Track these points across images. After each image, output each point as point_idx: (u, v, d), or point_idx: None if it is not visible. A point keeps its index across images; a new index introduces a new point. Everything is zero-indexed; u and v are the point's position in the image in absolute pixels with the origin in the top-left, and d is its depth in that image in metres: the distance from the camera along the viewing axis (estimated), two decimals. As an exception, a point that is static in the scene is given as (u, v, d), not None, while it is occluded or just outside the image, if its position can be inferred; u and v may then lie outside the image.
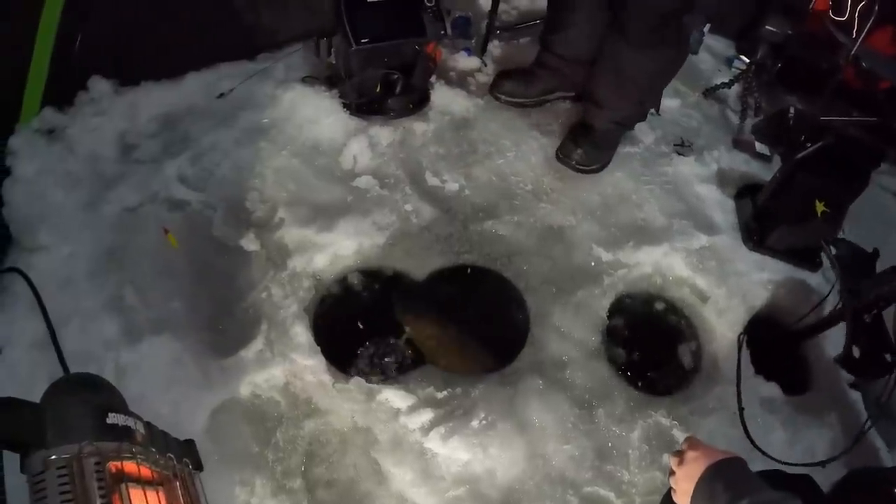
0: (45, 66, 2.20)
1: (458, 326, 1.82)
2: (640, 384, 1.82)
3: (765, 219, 2.07)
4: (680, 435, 1.76)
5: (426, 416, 1.65)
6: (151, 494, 1.32)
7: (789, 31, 2.27)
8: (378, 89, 2.05)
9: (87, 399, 1.28)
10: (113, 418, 1.29)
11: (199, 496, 1.57)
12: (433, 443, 1.62)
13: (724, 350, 1.92)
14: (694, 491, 1.08)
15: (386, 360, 1.76)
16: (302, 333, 1.75)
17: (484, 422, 1.65)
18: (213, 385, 1.72)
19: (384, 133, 2.06)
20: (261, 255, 1.89)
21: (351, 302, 1.85)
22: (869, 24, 1.99)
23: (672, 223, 2.04)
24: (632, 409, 1.78)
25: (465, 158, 2.11)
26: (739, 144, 2.28)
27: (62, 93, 2.17)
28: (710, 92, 2.36)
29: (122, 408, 1.38)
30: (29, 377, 1.60)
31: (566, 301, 1.88)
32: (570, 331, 1.83)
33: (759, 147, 2.26)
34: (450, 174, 2.04)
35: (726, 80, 2.35)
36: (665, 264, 1.97)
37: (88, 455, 1.12)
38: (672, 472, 1.18)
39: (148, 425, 1.44)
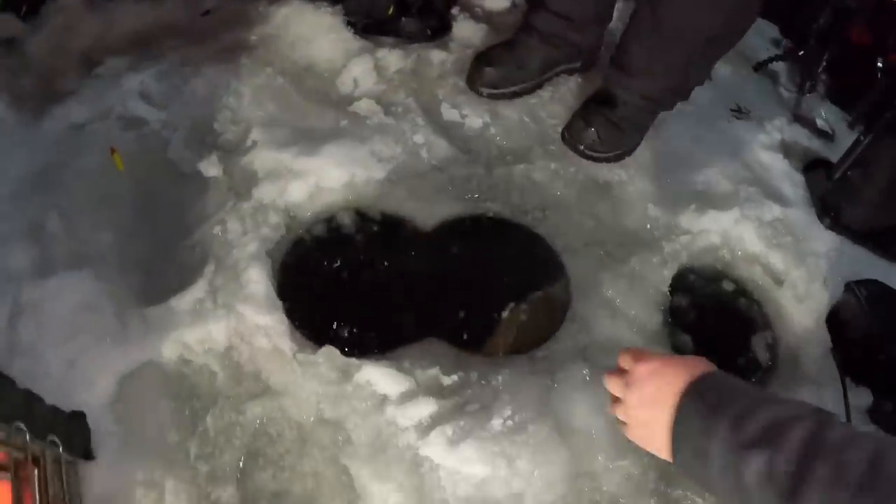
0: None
1: (475, 292, 1.10)
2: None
3: (843, 193, 1.36)
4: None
5: (426, 408, 0.91)
6: None
7: (852, 2, 1.66)
8: (391, 10, 1.39)
9: None
10: None
11: (70, 497, 0.84)
12: (434, 449, 0.88)
13: (805, 345, 1.19)
14: (675, 422, 0.62)
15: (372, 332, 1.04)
16: (258, 280, 1.00)
17: (510, 422, 0.90)
18: (130, 341, 0.97)
19: (394, 57, 1.34)
20: (222, 183, 1.16)
21: (333, 248, 1.10)
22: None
23: (738, 189, 1.31)
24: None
25: (491, 95, 1.40)
26: (799, 119, 1.62)
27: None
28: (762, 66, 1.71)
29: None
30: None
31: (617, 270, 1.14)
32: (623, 307, 1.09)
33: (821, 123, 1.59)
34: (471, 109, 1.31)
35: (780, 52, 1.72)
36: (735, 235, 1.25)
37: None
38: (615, 399, 0.72)
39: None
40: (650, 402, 0.66)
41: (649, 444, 0.68)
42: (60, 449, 0.82)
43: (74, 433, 0.91)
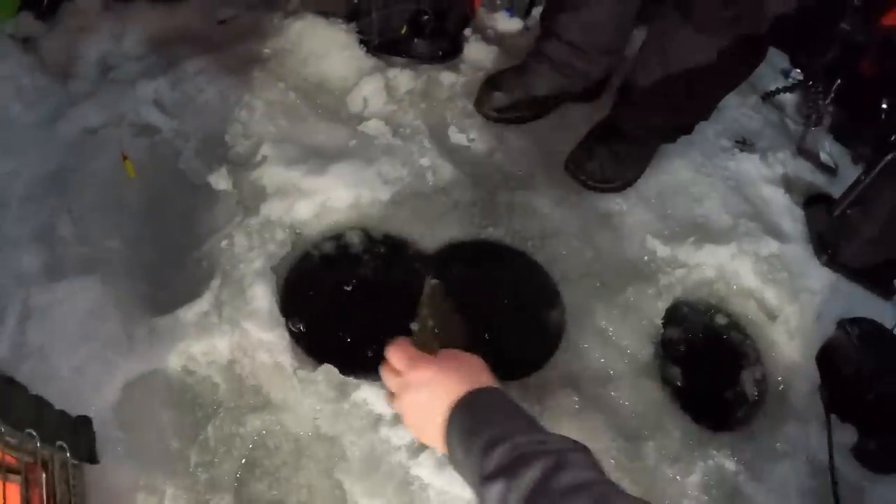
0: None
1: (473, 316, 1.13)
2: (696, 414, 1.14)
3: (841, 230, 1.41)
4: (745, 484, 1.08)
5: None
6: None
7: (861, 37, 1.68)
8: (404, 30, 1.43)
9: None
10: None
11: (76, 501, 0.89)
12: (424, 469, 0.92)
13: (794, 380, 1.22)
14: (445, 434, 0.66)
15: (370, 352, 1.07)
16: (262, 297, 1.05)
17: None
18: (136, 349, 1.02)
19: (404, 77, 1.38)
20: (231, 196, 1.20)
21: (337, 266, 1.15)
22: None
23: (737, 223, 1.35)
24: (689, 445, 1.08)
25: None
26: (803, 153, 1.66)
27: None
28: (769, 96, 1.74)
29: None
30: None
31: (612, 300, 1.18)
32: (616, 337, 1.14)
33: (825, 157, 1.62)
34: (479, 133, 1.35)
35: (787, 84, 1.75)
36: (731, 269, 1.29)
37: None
38: (392, 394, 0.75)
39: (6, 382, 0.77)
40: (423, 409, 0.69)
41: (423, 440, 0.72)
42: (67, 454, 0.87)
43: (80, 437, 0.95)
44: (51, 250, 1.17)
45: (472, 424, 0.64)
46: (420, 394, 0.70)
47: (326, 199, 1.18)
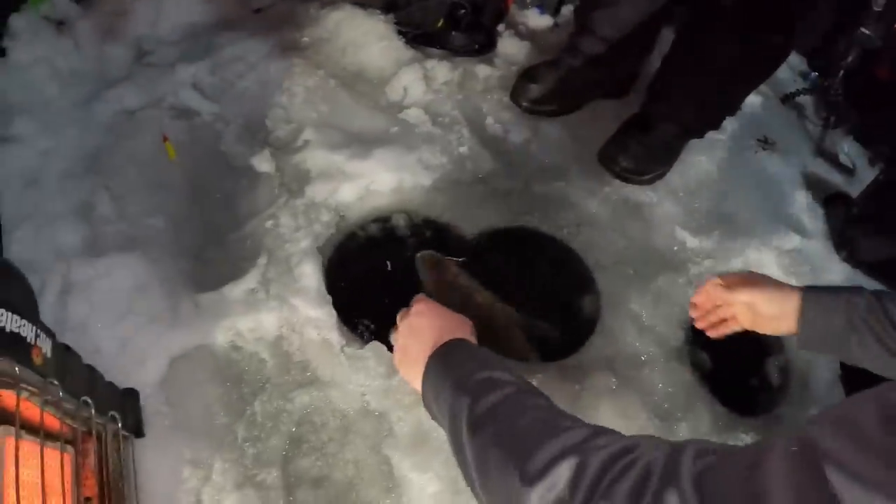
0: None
1: (513, 300, 1.17)
2: (724, 398, 1.18)
3: (860, 226, 1.46)
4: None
5: None
6: (32, 449, 0.68)
7: (881, 42, 1.75)
8: (441, 23, 1.47)
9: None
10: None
11: (125, 472, 0.90)
12: (472, 443, 0.97)
13: (816, 369, 1.26)
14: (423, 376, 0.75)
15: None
16: (311, 275, 1.08)
17: None
18: (181, 324, 1.04)
19: (441, 69, 1.42)
20: (273, 179, 1.23)
21: (380, 248, 1.19)
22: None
23: (760, 218, 1.40)
24: (719, 428, 1.12)
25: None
26: (822, 153, 1.72)
27: None
28: (789, 98, 1.80)
29: (24, 308, 0.71)
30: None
31: (644, 287, 1.22)
32: (649, 323, 1.18)
33: (843, 158, 1.69)
34: (514, 125, 1.39)
35: (807, 86, 1.81)
36: (755, 261, 1.34)
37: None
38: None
39: (62, 349, 0.77)
40: (409, 352, 0.79)
41: (408, 379, 0.81)
42: (119, 425, 0.89)
43: (128, 410, 0.97)
44: (90, 227, 1.19)
45: (444, 369, 0.72)
46: (409, 339, 0.80)
47: (370, 183, 1.21)
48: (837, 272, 1.42)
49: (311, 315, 1.05)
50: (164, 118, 1.37)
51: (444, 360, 0.73)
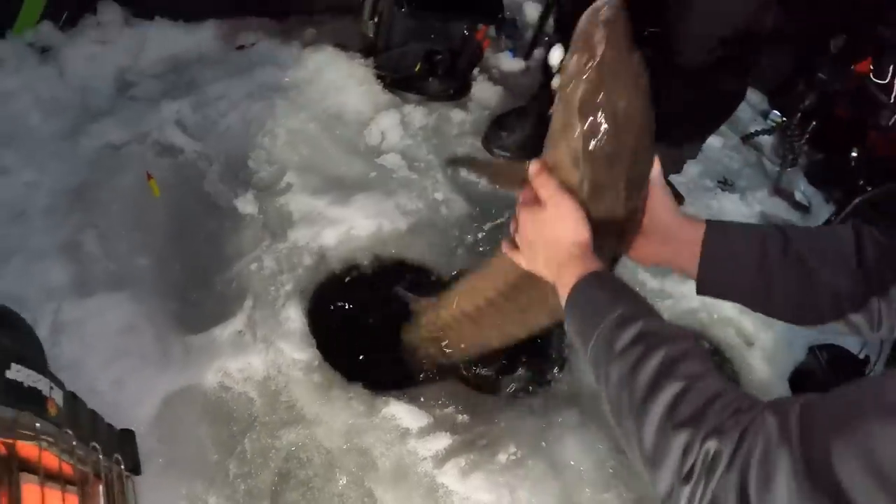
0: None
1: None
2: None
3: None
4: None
5: (442, 442, 1.15)
6: (54, 495, 0.82)
7: (837, 85, 2.01)
8: (418, 68, 1.65)
9: (-15, 336, 0.78)
10: (17, 373, 0.79)
11: (128, 509, 1.03)
12: (448, 477, 1.12)
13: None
14: (569, 300, 0.73)
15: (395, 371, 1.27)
16: (295, 318, 1.24)
17: (513, 457, 1.15)
18: (172, 365, 1.19)
19: (418, 114, 1.61)
20: (257, 221, 1.39)
21: (362, 290, 1.35)
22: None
23: (718, 259, 1.65)
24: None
25: (504, 157, 1.66)
26: (779, 192, 1.96)
27: (67, 10, 1.68)
28: (749, 138, 2.04)
29: (37, 363, 0.86)
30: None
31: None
32: (612, 360, 1.39)
33: (799, 196, 1.93)
34: (487, 168, 1.61)
35: (766, 127, 2.05)
36: (710, 301, 1.58)
37: (-35, 418, 0.69)
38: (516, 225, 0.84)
39: (71, 398, 0.92)
40: (544, 258, 0.79)
41: (530, 266, 0.84)
42: (122, 467, 1.03)
43: (127, 450, 1.10)
44: (78, 265, 1.32)
45: (602, 297, 0.72)
46: (539, 247, 0.80)
47: (351, 228, 1.38)
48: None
49: (297, 357, 1.21)
50: (149, 154, 1.51)
51: (600, 286, 0.72)
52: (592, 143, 0.79)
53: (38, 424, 0.80)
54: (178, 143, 1.52)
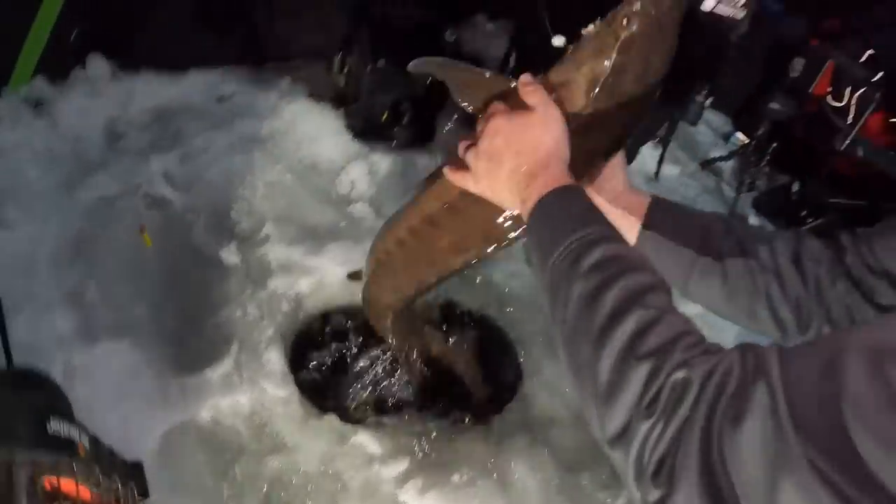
0: (47, 33, 1.90)
1: (444, 371, 1.62)
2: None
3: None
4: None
5: (403, 465, 1.39)
6: None
7: (792, 112, 2.21)
8: (385, 116, 1.89)
9: (28, 399, 1.04)
10: (56, 426, 1.05)
11: (144, 532, 1.32)
12: (408, 496, 1.36)
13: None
14: (531, 216, 0.72)
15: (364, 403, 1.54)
16: (276, 360, 1.47)
17: (465, 477, 1.39)
18: (170, 404, 1.43)
19: (385, 162, 1.82)
20: (240, 270, 1.63)
21: (334, 333, 1.58)
22: (868, 112, 1.93)
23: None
24: (616, 475, 1.60)
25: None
26: (733, 217, 2.19)
27: (58, 65, 1.89)
28: (708, 164, 2.26)
29: (68, 415, 1.13)
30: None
31: (559, 357, 1.69)
32: (561, 389, 1.64)
33: (753, 222, 2.17)
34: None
35: (724, 154, 2.27)
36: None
37: (21, 465, 0.94)
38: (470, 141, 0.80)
39: (95, 441, 1.20)
40: (512, 167, 0.74)
41: (493, 198, 0.80)
42: (135, 492, 1.31)
43: (138, 479, 1.38)
44: (82, 314, 1.55)
45: (575, 212, 0.70)
46: (502, 162, 0.75)
47: (323, 276, 1.61)
48: (735, 334, 1.90)
49: (279, 394, 1.45)
50: (140, 206, 1.75)
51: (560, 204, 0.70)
52: (618, 77, 0.80)
53: (74, 465, 1.07)
54: (166, 195, 1.74)
